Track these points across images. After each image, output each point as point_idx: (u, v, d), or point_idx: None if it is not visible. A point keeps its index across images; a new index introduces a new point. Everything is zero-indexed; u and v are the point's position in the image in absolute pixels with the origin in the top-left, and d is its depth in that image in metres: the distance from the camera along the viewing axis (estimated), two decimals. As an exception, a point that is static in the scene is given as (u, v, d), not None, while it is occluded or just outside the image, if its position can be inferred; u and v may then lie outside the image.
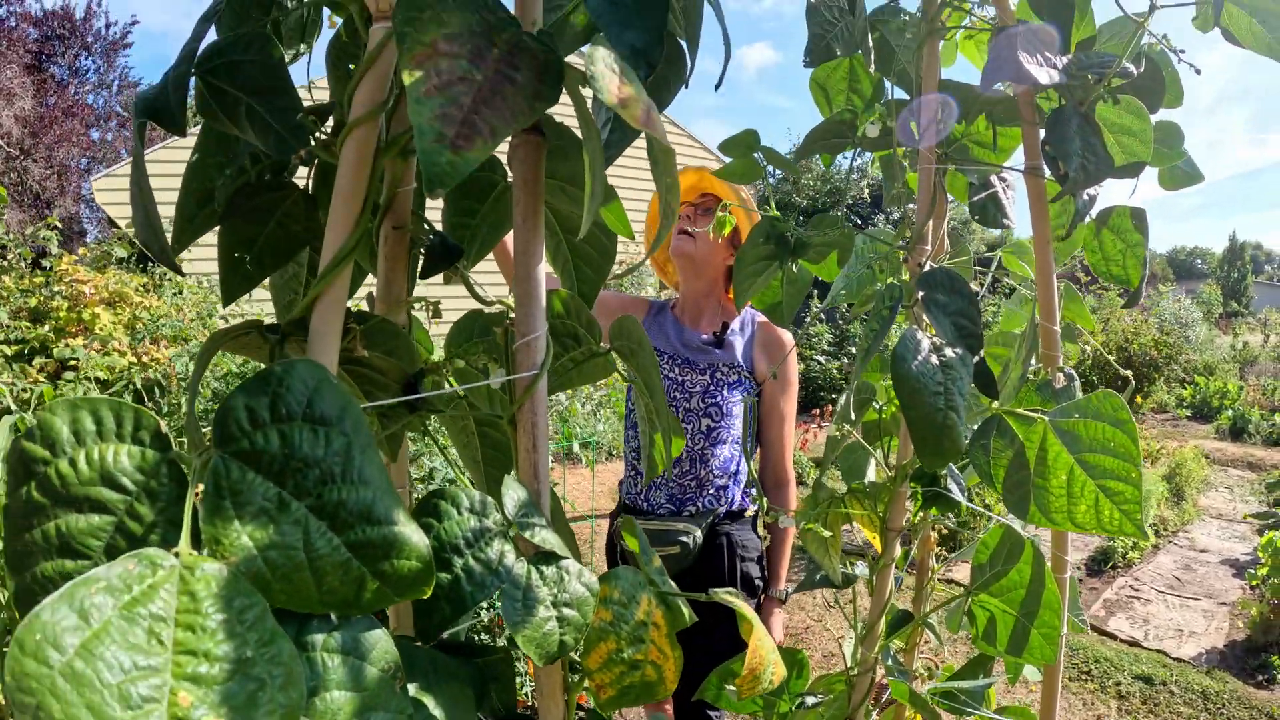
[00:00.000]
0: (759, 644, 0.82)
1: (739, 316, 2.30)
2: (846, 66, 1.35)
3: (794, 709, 1.37)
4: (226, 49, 0.72)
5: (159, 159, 9.74)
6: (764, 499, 2.25)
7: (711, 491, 2.20)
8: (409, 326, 0.83)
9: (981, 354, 1.07)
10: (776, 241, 1.30)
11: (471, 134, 0.50)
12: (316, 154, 0.76)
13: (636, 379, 0.86)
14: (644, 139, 0.65)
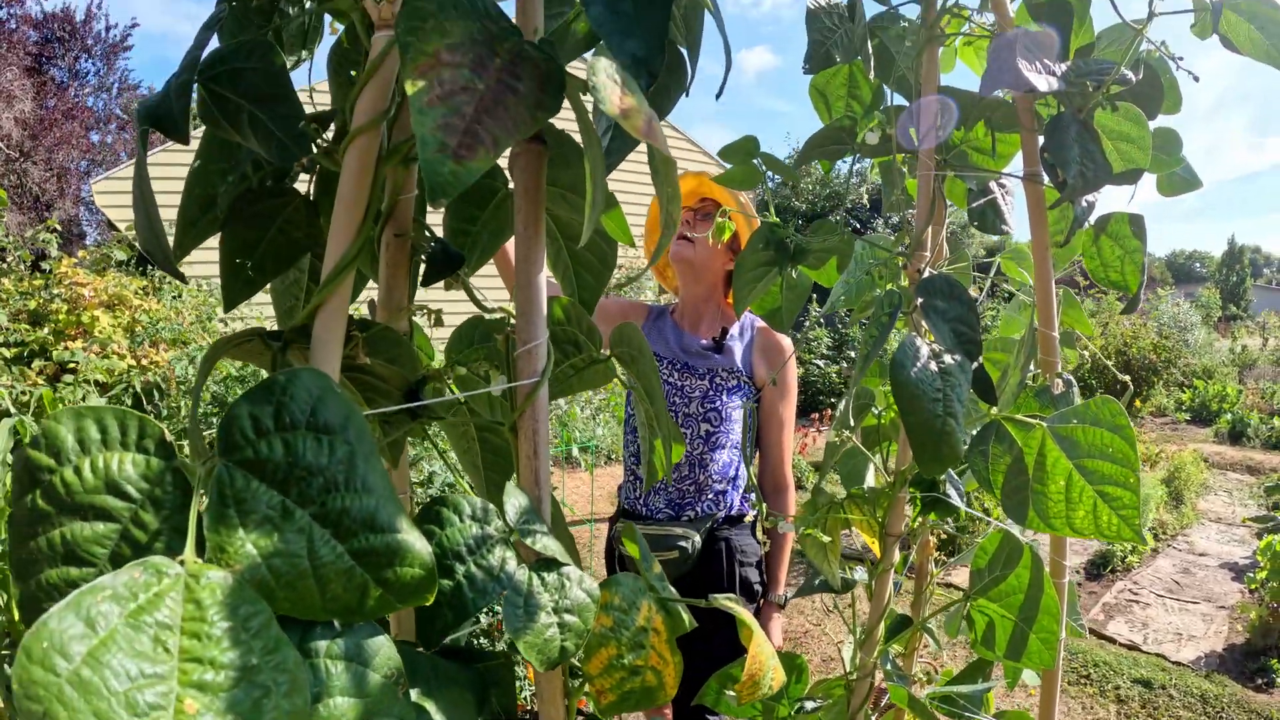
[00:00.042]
0: (758, 649, 0.82)
1: (738, 321, 2.29)
2: (846, 73, 1.35)
3: (793, 714, 1.38)
4: (229, 56, 0.72)
5: (158, 161, 9.70)
6: (763, 504, 2.25)
7: (710, 496, 2.20)
8: (410, 333, 0.83)
9: (980, 360, 1.07)
10: (776, 247, 1.30)
11: (474, 144, 0.50)
12: (319, 161, 0.77)
13: (637, 385, 0.86)
14: (645, 147, 0.65)
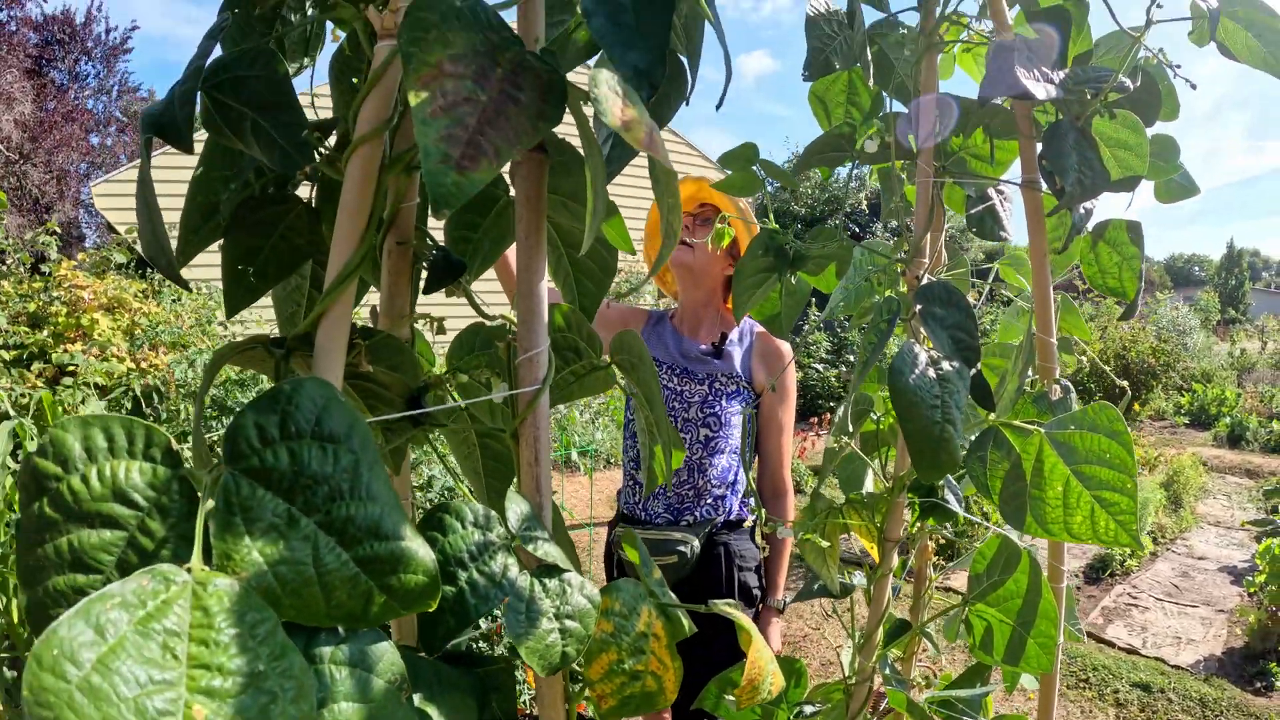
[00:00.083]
0: (757, 654, 0.83)
1: (737, 327, 2.30)
2: (845, 80, 1.35)
3: (792, 718, 1.38)
4: (232, 64, 0.72)
5: (157, 165, 9.68)
6: (762, 509, 2.25)
7: (709, 501, 2.20)
8: (412, 340, 0.84)
9: (978, 366, 1.08)
10: (775, 254, 1.31)
11: (477, 155, 0.50)
12: (321, 170, 0.77)
13: (637, 392, 0.87)
14: (646, 156, 0.66)
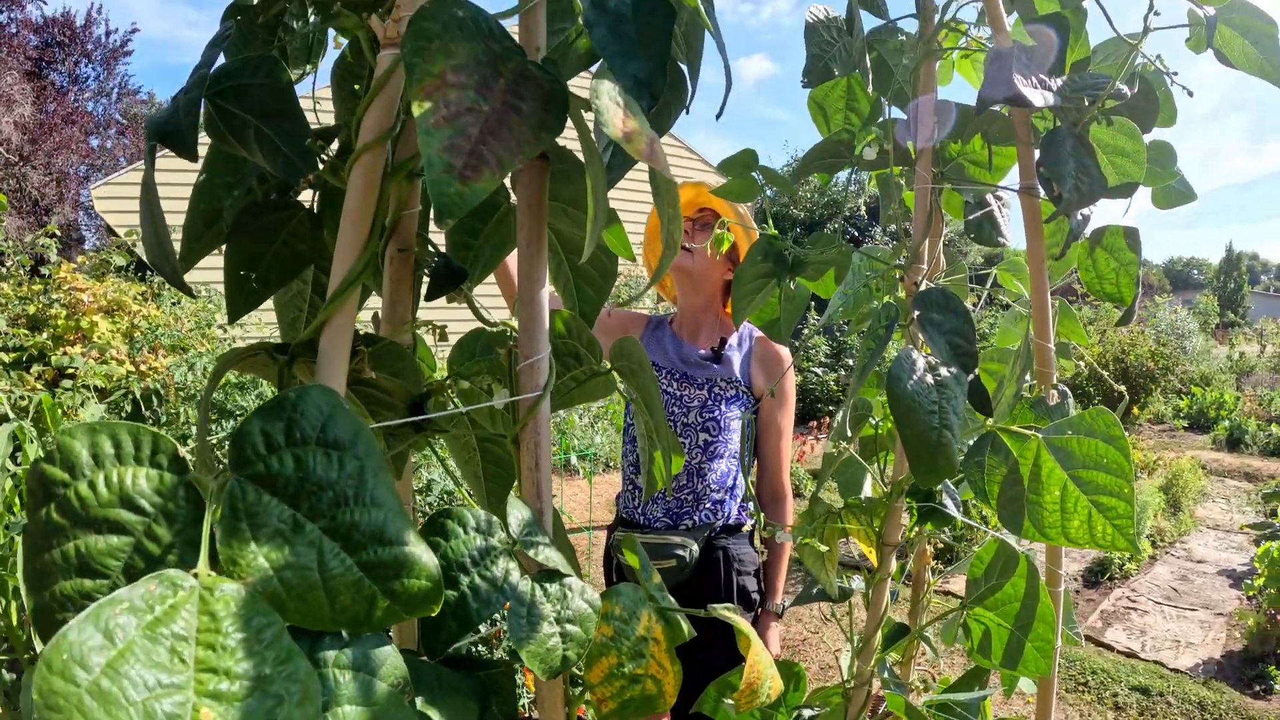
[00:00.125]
0: (756, 658, 0.83)
1: (736, 331, 2.30)
2: (844, 86, 1.36)
3: (791, 721, 1.38)
4: (235, 72, 0.72)
5: (159, 169, 9.67)
6: (761, 513, 2.26)
7: (708, 506, 2.21)
8: (414, 345, 0.84)
9: (976, 371, 1.08)
10: (774, 260, 1.31)
11: (479, 165, 0.51)
12: (324, 177, 0.78)
13: (636, 398, 0.87)
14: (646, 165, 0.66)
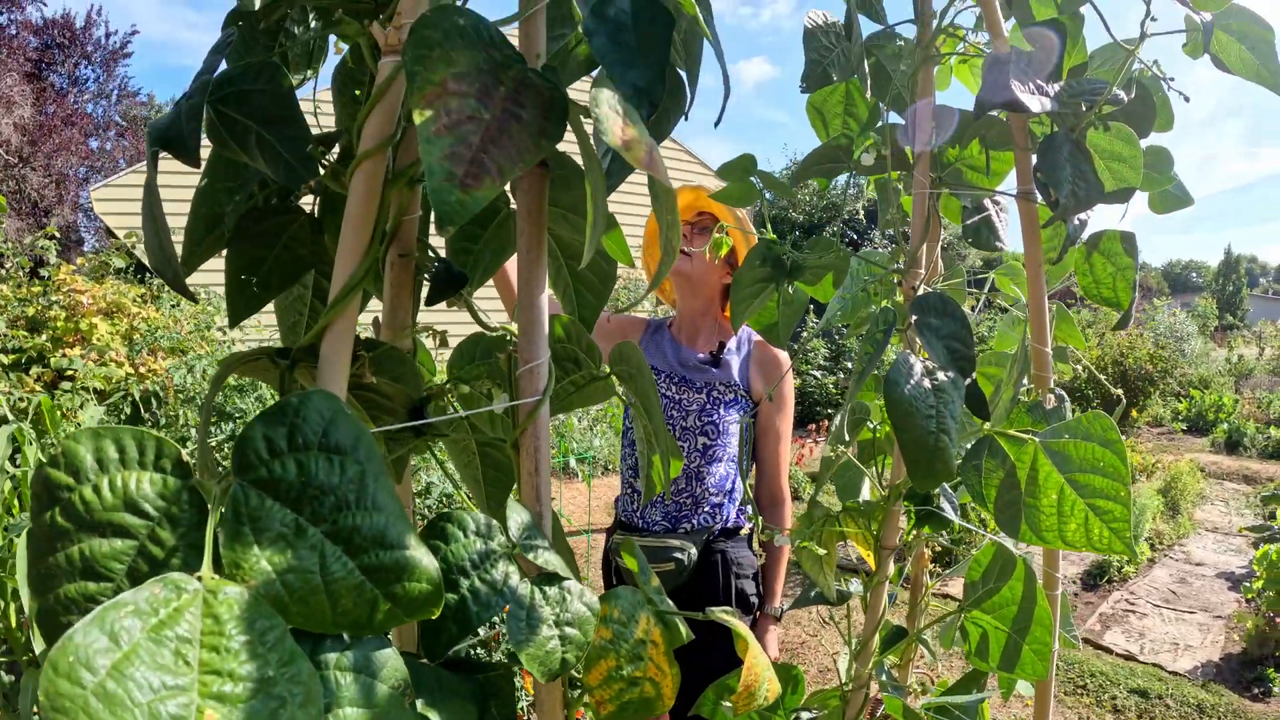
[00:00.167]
0: (754, 661, 0.84)
1: (735, 335, 2.30)
2: (843, 91, 1.37)
3: (789, 724, 1.39)
4: (237, 78, 0.73)
5: (160, 172, 9.67)
6: (759, 516, 2.26)
7: (707, 509, 2.21)
8: (414, 350, 0.85)
9: (973, 375, 1.09)
10: (773, 264, 1.32)
11: (480, 173, 0.51)
12: (325, 183, 0.78)
13: (635, 402, 0.88)
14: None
